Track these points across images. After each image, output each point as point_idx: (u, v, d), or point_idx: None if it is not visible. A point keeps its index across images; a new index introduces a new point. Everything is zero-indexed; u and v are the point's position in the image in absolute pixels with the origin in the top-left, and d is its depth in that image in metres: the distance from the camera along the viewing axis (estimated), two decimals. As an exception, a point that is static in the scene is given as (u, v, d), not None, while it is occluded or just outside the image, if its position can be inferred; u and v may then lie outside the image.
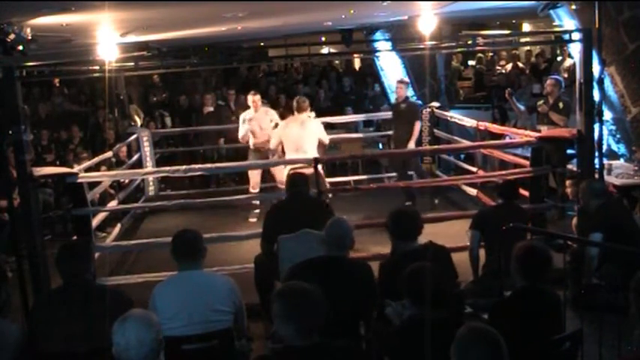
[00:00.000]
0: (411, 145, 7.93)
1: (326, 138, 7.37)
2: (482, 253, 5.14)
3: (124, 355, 2.47)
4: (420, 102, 9.29)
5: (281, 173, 7.50)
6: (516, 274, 3.37)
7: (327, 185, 7.16)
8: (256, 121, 7.95)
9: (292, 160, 6.95)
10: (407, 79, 8.87)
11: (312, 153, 6.99)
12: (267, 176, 8.64)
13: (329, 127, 10.23)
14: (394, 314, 3.26)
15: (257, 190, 8.14)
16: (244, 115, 8.08)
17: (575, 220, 5.92)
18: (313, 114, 7.80)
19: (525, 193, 6.49)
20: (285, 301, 2.57)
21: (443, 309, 2.95)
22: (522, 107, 7.94)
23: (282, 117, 8.10)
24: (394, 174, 9.58)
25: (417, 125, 8.08)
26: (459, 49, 9.87)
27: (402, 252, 3.79)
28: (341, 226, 3.70)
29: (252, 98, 8.02)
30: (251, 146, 8.13)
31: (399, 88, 8.40)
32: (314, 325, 2.55)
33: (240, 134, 8.08)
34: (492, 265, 4.85)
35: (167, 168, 7.01)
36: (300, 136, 7.11)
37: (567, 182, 6.54)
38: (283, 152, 7.40)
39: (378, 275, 3.74)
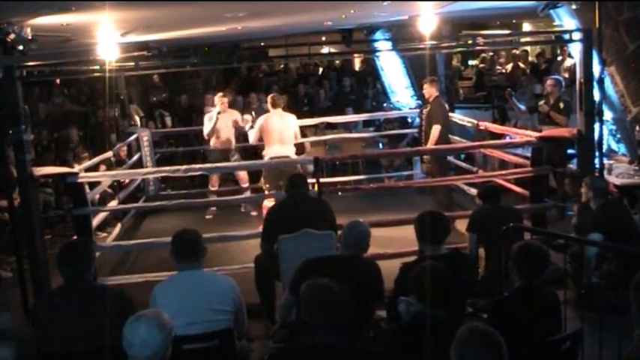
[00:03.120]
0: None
1: (299, 134, 7.78)
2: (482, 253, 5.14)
3: (128, 351, 2.52)
4: (417, 102, 9.22)
5: (245, 175, 8.28)
6: (513, 273, 3.38)
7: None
8: (222, 120, 8.08)
9: (293, 161, 7.15)
10: (432, 78, 7.87)
11: (292, 144, 7.50)
12: (226, 177, 9.05)
13: (330, 127, 10.26)
14: (405, 311, 3.28)
15: (215, 189, 8.43)
16: (211, 114, 8.20)
17: (574, 220, 5.92)
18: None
19: (526, 192, 6.50)
20: (314, 297, 2.63)
21: (447, 307, 2.96)
22: (522, 107, 7.92)
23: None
24: (394, 174, 9.59)
25: (435, 129, 7.24)
26: (459, 49, 9.87)
27: (428, 256, 3.70)
28: (359, 229, 3.81)
29: (222, 100, 8.15)
30: (211, 146, 8.31)
31: (424, 88, 7.67)
32: (340, 323, 2.61)
33: (206, 131, 8.17)
34: (492, 266, 4.85)
35: (167, 168, 7.00)
36: (282, 128, 7.46)
37: (566, 181, 6.53)
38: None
39: (398, 275, 3.73)
